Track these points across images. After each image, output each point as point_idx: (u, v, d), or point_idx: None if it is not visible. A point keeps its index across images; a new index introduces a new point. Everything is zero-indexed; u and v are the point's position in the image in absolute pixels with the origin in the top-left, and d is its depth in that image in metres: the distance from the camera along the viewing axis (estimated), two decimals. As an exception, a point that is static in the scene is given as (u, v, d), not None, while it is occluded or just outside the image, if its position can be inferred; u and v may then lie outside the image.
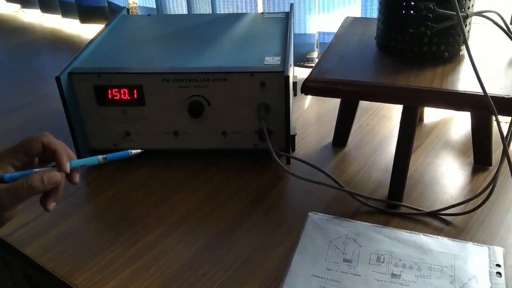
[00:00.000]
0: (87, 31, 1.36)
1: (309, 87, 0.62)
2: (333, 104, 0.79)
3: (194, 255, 0.60)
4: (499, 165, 0.62)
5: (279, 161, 0.70)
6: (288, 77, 0.68)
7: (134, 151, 0.56)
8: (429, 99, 0.58)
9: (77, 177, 0.56)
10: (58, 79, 0.70)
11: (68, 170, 0.53)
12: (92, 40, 0.83)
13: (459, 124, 0.84)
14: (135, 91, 0.73)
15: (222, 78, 0.71)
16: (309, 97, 0.97)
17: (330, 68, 0.65)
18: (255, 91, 0.71)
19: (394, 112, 0.89)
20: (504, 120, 0.81)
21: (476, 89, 0.56)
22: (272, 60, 0.73)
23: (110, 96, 0.74)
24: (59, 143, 0.54)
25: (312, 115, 0.91)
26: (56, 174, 0.52)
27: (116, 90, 0.73)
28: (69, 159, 0.54)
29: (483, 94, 0.54)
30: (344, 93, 0.61)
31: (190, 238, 0.63)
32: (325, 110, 0.91)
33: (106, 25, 0.90)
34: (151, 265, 0.59)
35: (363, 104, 0.92)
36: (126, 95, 0.74)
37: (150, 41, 0.85)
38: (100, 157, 0.56)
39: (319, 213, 0.66)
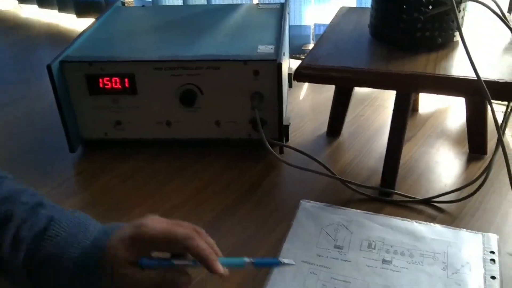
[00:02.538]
0: (84, 25, 1.35)
1: (302, 73, 0.62)
2: (328, 95, 0.79)
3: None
4: (494, 153, 0.62)
5: (272, 150, 0.69)
6: (280, 64, 0.67)
7: (286, 261, 0.49)
8: (422, 84, 0.58)
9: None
10: (49, 67, 0.70)
11: (221, 270, 0.46)
12: (85, 30, 0.83)
13: (454, 114, 0.84)
14: (126, 80, 0.73)
15: (215, 66, 0.70)
16: (304, 88, 0.97)
17: (324, 55, 0.64)
18: (249, 79, 0.71)
19: (389, 102, 0.88)
20: (500, 110, 0.81)
21: (469, 74, 0.56)
22: (266, 49, 0.72)
23: (101, 85, 0.73)
24: (205, 246, 0.47)
25: (307, 106, 0.90)
26: (188, 280, 0.48)
27: (108, 79, 0.73)
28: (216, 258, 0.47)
29: (476, 78, 0.54)
30: (337, 79, 0.61)
31: (181, 226, 0.63)
32: (320, 101, 0.91)
33: (100, 16, 0.90)
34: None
35: (358, 94, 0.92)
36: (118, 84, 0.73)
37: (143, 31, 0.85)
38: (248, 260, 0.48)
39: (312, 201, 0.65)
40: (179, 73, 0.71)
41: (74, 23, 1.39)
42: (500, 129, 0.59)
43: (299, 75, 0.62)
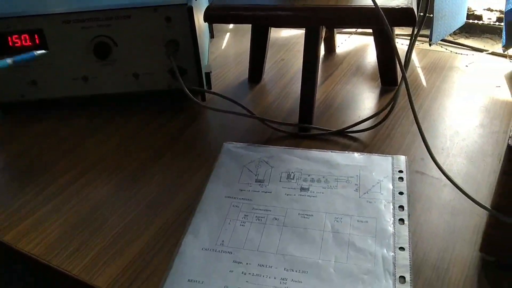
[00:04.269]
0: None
1: (211, 14, 0.62)
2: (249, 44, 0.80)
3: (107, 194, 0.60)
4: (399, 84, 0.65)
5: (192, 96, 0.70)
6: (191, 8, 0.67)
7: (39, 52, 0.57)
8: (326, 17, 0.59)
9: None
10: None
11: None
12: (-12, -12, 0.79)
13: (369, 52, 0.87)
14: (36, 36, 0.70)
15: (125, 15, 0.69)
16: (226, 37, 0.97)
17: (231, -5, 0.65)
18: (161, 27, 0.70)
19: (309, 46, 0.90)
20: (405, 43, 0.85)
21: (369, 3, 0.58)
22: (177, -5, 0.72)
23: (10, 43, 0.70)
24: None
25: (229, 54, 0.91)
26: None
27: (16, 36, 0.70)
28: None
29: (374, 6, 0.56)
30: (244, 17, 0.62)
31: (103, 178, 0.62)
32: (242, 50, 0.91)
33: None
34: (63, 206, 0.58)
35: (278, 40, 0.93)
36: (28, 41, 0.70)
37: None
38: (9, 60, 0.55)
39: (234, 142, 0.67)
40: (89, 25, 0.69)
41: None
42: (401, 60, 0.62)
43: (208, 17, 0.62)
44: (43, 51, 0.57)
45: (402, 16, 0.57)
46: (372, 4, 0.57)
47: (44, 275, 0.53)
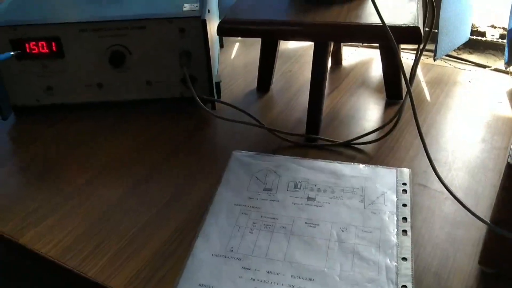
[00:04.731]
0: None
1: (223, 28, 0.64)
2: (258, 54, 0.82)
3: (121, 196, 0.62)
4: (405, 97, 0.67)
5: (203, 105, 0.72)
6: (205, 21, 0.69)
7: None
8: (334, 33, 0.62)
9: None
10: (-30, 33, 0.69)
11: None
12: (7, -5, 0.81)
13: (375, 65, 0.89)
14: (53, 44, 0.72)
15: (141, 25, 0.71)
16: (235, 47, 0.99)
17: (244, 9, 0.67)
18: (175, 38, 0.73)
19: (316, 58, 0.93)
20: (410, 58, 0.87)
21: (377, 21, 0.60)
22: (190, 7, 0.74)
23: (28, 50, 0.73)
24: None
25: (238, 64, 0.93)
26: None
27: (34, 43, 0.72)
28: None
29: (382, 24, 0.58)
30: (255, 32, 0.64)
31: (116, 180, 0.65)
32: (250, 60, 0.94)
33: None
34: (78, 208, 0.61)
35: (286, 52, 0.96)
36: (45, 48, 0.73)
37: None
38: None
39: (243, 151, 0.69)
40: (105, 34, 0.72)
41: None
42: (406, 75, 0.64)
43: (221, 30, 0.64)
44: (18, 51, 0.62)
45: (408, 35, 0.60)
46: (380, 22, 0.59)
47: (61, 276, 0.55)
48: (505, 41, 0.84)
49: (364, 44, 0.96)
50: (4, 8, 0.77)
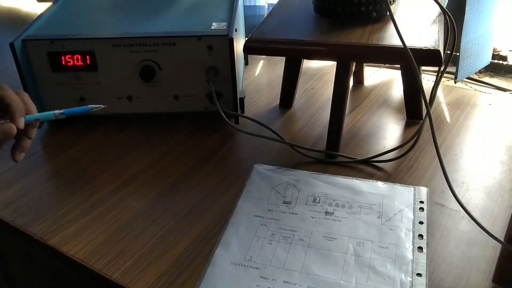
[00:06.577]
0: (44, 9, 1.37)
1: (250, 46, 0.67)
2: (282, 71, 0.85)
3: (146, 204, 0.65)
4: (424, 118, 0.69)
5: (227, 119, 0.75)
6: (232, 39, 0.72)
7: (95, 106, 0.55)
8: (357, 53, 0.64)
9: (32, 132, 0.55)
10: (12, 45, 0.73)
11: (21, 125, 0.52)
12: (46, 10, 0.86)
13: (396, 85, 0.91)
14: (87, 57, 0.76)
15: (171, 42, 0.75)
16: (260, 65, 1.02)
17: (270, 29, 0.70)
18: (203, 54, 0.76)
19: (338, 77, 0.95)
20: (431, 79, 0.89)
21: (398, 43, 0.62)
22: (219, 26, 0.77)
23: (63, 62, 0.77)
24: (15, 97, 0.53)
25: (262, 81, 0.96)
26: (11, 127, 0.51)
27: (69, 56, 0.76)
28: (24, 114, 0.53)
29: (403, 46, 0.60)
30: (281, 51, 0.67)
31: (143, 190, 0.68)
32: (274, 77, 0.96)
33: (60, -3, 0.93)
34: (105, 214, 0.64)
35: (309, 70, 0.98)
36: (79, 61, 0.77)
37: (102, 9, 0.89)
38: (57, 112, 0.55)
39: (264, 165, 0.71)
40: (137, 50, 0.75)
41: (35, 8, 1.40)
42: (426, 97, 0.65)
43: (248, 49, 0.67)
44: (99, 106, 0.55)
45: (429, 57, 0.61)
46: (401, 44, 0.61)
47: (87, 278, 0.58)
48: (527, 65, 0.85)
49: (385, 65, 0.98)
50: (42, 22, 0.82)
